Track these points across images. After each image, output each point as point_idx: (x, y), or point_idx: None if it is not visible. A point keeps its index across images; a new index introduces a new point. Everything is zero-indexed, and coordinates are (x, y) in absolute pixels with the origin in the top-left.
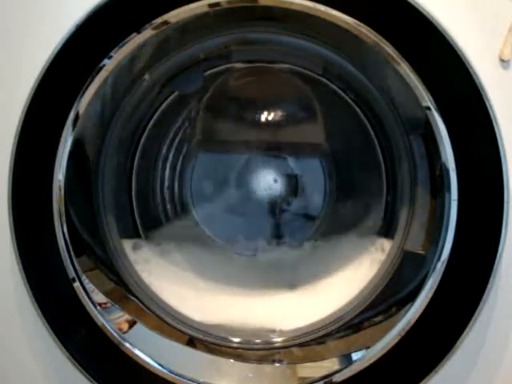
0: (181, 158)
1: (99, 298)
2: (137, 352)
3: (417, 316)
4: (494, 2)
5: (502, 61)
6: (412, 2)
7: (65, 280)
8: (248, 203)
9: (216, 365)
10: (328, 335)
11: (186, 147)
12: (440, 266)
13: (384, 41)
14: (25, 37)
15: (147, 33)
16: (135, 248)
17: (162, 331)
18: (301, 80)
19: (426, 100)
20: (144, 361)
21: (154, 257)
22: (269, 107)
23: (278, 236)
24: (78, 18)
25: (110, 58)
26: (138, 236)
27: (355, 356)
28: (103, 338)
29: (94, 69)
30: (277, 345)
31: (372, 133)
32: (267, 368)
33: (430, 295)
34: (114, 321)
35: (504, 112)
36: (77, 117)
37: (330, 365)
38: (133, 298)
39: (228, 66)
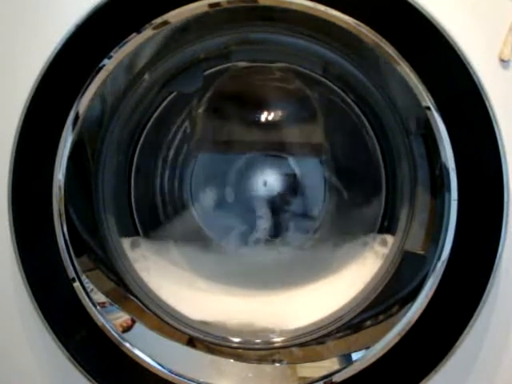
0: (181, 158)
1: (99, 297)
2: (137, 352)
3: (417, 316)
4: (494, 2)
5: (502, 61)
6: (412, 2)
7: (65, 280)
8: (248, 203)
9: (216, 365)
10: (328, 335)
11: (186, 147)
12: (440, 266)
13: (384, 41)
14: (25, 37)
15: (147, 33)
16: (134, 246)
17: (161, 331)
18: (301, 80)
19: (426, 100)
20: (144, 361)
21: (153, 255)
22: (269, 107)
23: (277, 236)
24: (78, 18)
25: (110, 57)
26: (138, 235)
27: (355, 356)
28: (103, 338)
29: (93, 69)
30: (277, 345)
31: (372, 133)
32: (267, 368)
33: (430, 295)
34: (113, 321)
35: (504, 112)
36: (77, 117)
37: (330, 365)
38: (132, 297)
39: (228, 65)
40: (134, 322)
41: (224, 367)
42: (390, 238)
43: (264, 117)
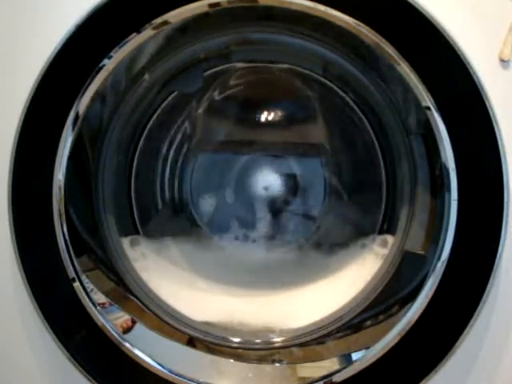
0: (181, 158)
1: (99, 297)
2: (137, 352)
3: (417, 316)
4: (494, 2)
5: (502, 61)
6: (412, 2)
7: (65, 280)
8: (248, 203)
9: (216, 365)
10: (328, 335)
11: (186, 147)
12: (440, 266)
13: (384, 41)
14: (25, 37)
15: (147, 33)
16: (133, 244)
17: (161, 331)
18: (301, 80)
19: (426, 100)
20: (144, 361)
21: (153, 254)
22: (269, 107)
23: (277, 236)
24: (78, 18)
25: (110, 58)
26: (138, 235)
27: (355, 356)
28: (103, 338)
29: (93, 69)
30: (277, 345)
31: (372, 133)
32: (267, 368)
33: (430, 295)
34: (113, 321)
35: (504, 112)
36: (77, 117)
37: (330, 365)
38: (133, 297)
39: (228, 65)
40: (134, 322)
41: (224, 367)
42: (390, 239)
43: (264, 117)
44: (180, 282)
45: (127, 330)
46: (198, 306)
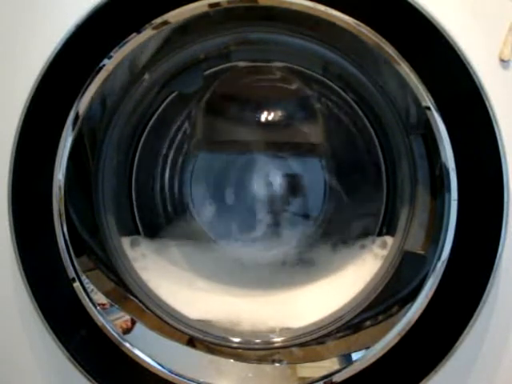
0: (181, 158)
1: (99, 298)
2: (137, 352)
3: (417, 316)
4: (494, 2)
5: (502, 61)
6: (412, 2)
7: (65, 280)
8: (247, 203)
9: (216, 365)
10: (328, 335)
11: (186, 147)
12: (440, 266)
13: (384, 41)
14: (25, 37)
15: (147, 33)
16: (133, 244)
17: (161, 331)
18: (301, 80)
19: (426, 100)
20: (144, 361)
21: (153, 254)
22: (269, 107)
23: (277, 236)
24: (78, 18)
25: (110, 57)
26: (138, 235)
27: (355, 356)
28: (103, 338)
29: (93, 69)
30: (277, 345)
31: (372, 133)
32: (267, 368)
33: (430, 295)
34: (114, 321)
35: (504, 112)
36: (77, 117)
37: (330, 365)
38: (132, 297)
39: (228, 65)
40: (134, 323)
41: (224, 367)
42: (389, 240)
43: (264, 117)
44: (180, 282)
45: (127, 330)
46: (198, 305)
